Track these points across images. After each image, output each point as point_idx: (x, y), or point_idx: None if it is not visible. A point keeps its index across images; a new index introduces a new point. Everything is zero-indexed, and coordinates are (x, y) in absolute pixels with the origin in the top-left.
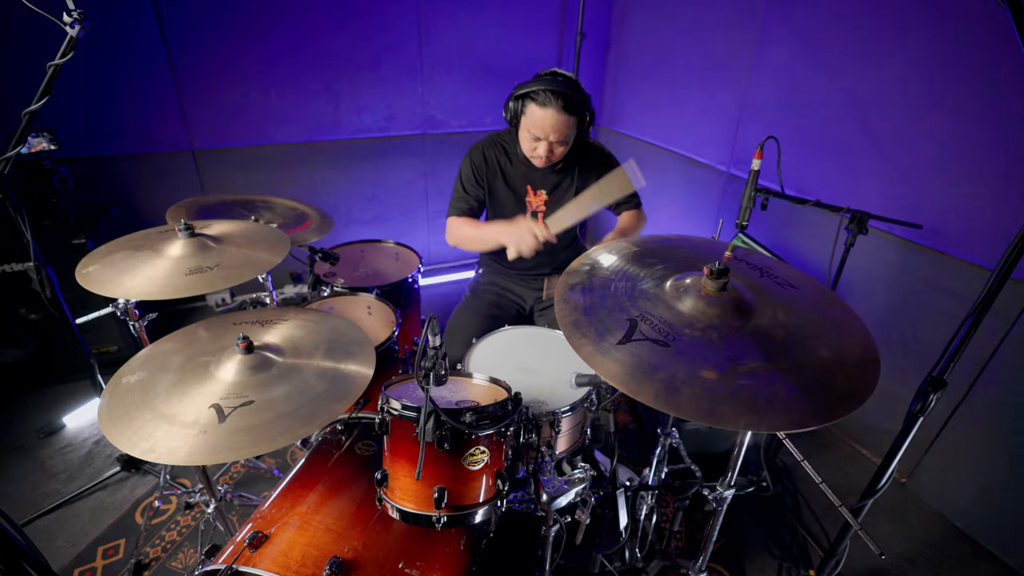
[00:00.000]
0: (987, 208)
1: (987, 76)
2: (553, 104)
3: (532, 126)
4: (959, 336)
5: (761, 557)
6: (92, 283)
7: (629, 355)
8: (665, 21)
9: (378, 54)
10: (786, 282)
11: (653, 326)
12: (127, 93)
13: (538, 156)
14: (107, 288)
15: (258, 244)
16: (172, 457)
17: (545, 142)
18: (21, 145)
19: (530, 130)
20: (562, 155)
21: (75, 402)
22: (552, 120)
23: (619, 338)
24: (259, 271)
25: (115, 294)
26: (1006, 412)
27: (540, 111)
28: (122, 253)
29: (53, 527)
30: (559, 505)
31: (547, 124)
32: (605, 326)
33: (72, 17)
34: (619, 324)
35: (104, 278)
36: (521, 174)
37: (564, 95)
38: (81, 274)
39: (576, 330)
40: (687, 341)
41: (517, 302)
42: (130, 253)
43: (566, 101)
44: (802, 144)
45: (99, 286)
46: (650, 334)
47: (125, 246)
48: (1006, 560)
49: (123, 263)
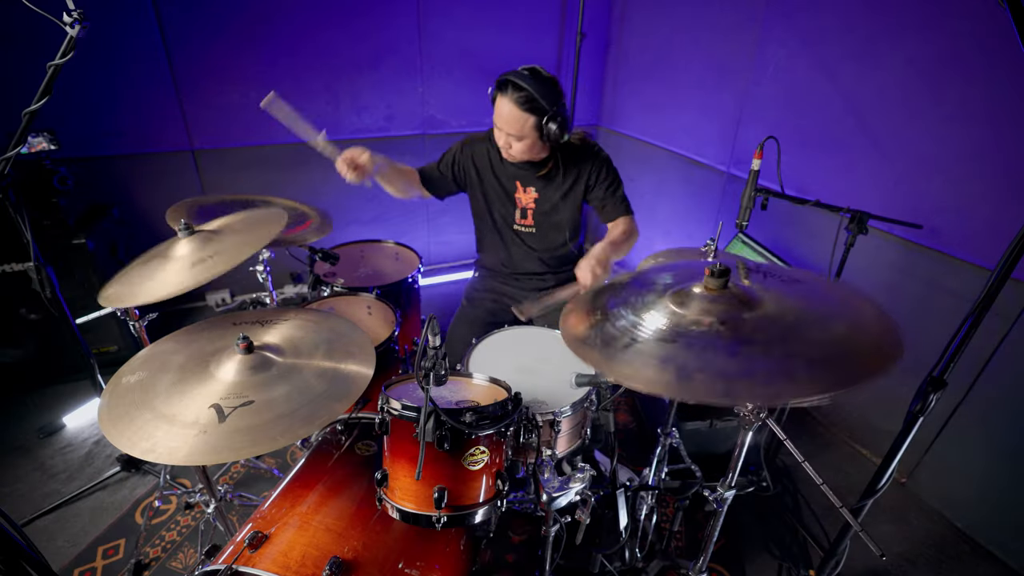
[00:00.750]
0: (987, 208)
1: (987, 76)
2: (508, 94)
3: (495, 114)
4: (959, 336)
5: (761, 557)
6: (114, 302)
7: (636, 355)
8: (665, 21)
9: (378, 54)
10: (789, 278)
11: (658, 328)
12: (127, 93)
13: (502, 147)
14: (128, 300)
15: (254, 224)
16: (172, 457)
17: (503, 133)
18: (21, 145)
19: (495, 118)
20: (521, 153)
21: (75, 402)
22: (506, 109)
23: (624, 343)
24: (258, 244)
25: (136, 302)
26: (1006, 412)
27: (500, 101)
28: (136, 271)
29: (53, 527)
30: (559, 505)
31: (502, 116)
32: (610, 335)
33: (72, 17)
34: (624, 332)
35: (124, 293)
36: (511, 171)
37: (521, 91)
38: (103, 297)
39: (582, 345)
40: (694, 336)
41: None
42: (141, 269)
43: (521, 97)
44: (802, 144)
45: (120, 301)
46: (656, 335)
47: (137, 265)
48: (1006, 560)
49: (137, 277)
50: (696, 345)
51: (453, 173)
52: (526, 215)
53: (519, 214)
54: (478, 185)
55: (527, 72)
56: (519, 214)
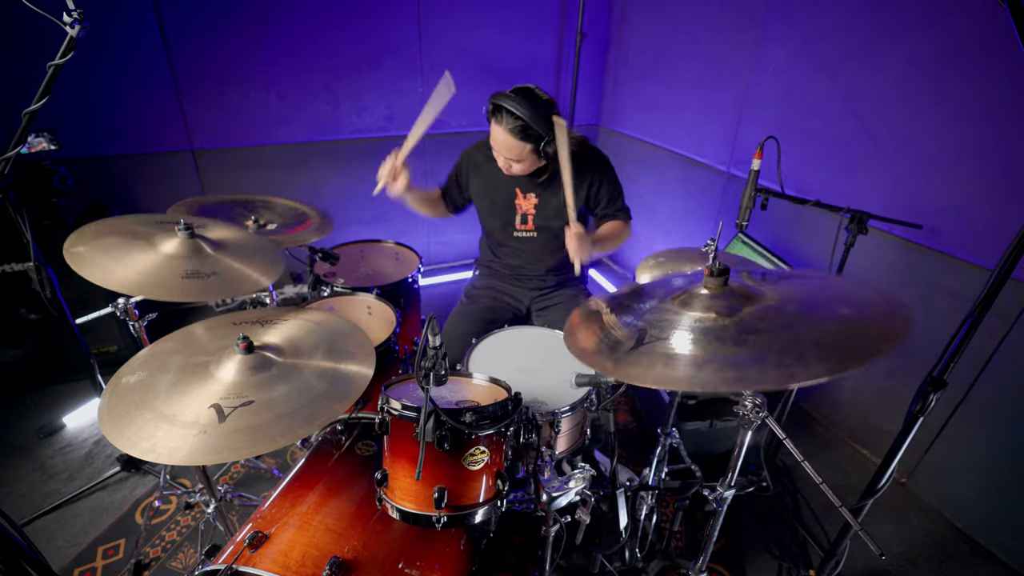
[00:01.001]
0: (987, 208)
1: (987, 76)
2: (503, 124)
3: (491, 136)
4: (959, 336)
5: (761, 557)
6: (82, 265)
7: (645, 356)
8: (665, 21)
9: (378, 54)
10: (789, 275)
11: (663, 330)
12: (127, 93)
13: (503, 166)
14: (97, 275)
15: (254, 259)
16: (172, 457)
17: (501, 156)
18: (21, 145)
19: (491, 140)
20: (522, 171)
21: (75, 402)
22: (501, 138)
23: (631, 346)
24: (252, 290)
25: (106, 283)
26: (1006, 412)
27: (495, 127)
28: (115, 238)
29: (53, 527)
30: (559, 505)
31: (498, 141)
32: (616, 340)
33: (72, 17)
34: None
35: (94, 262)
36: (510, 178)
37: (516, 119)
38: (70, 252)
39: (591, 356)
40: (700, 331)
41: (514, 305)
42: (124, 240)
43: (517, 127)
44: (802, 144)
45: (89, 270)
46: (662, 335)
47: (118, 230)
48: (1006, 560)
49: (116, 250)
50: (701, 341)
51: (459, 184)
52: (526, 220)
53: (519, 219)
54: (481, 192)
55: (521, 95)
56: (519, 219)
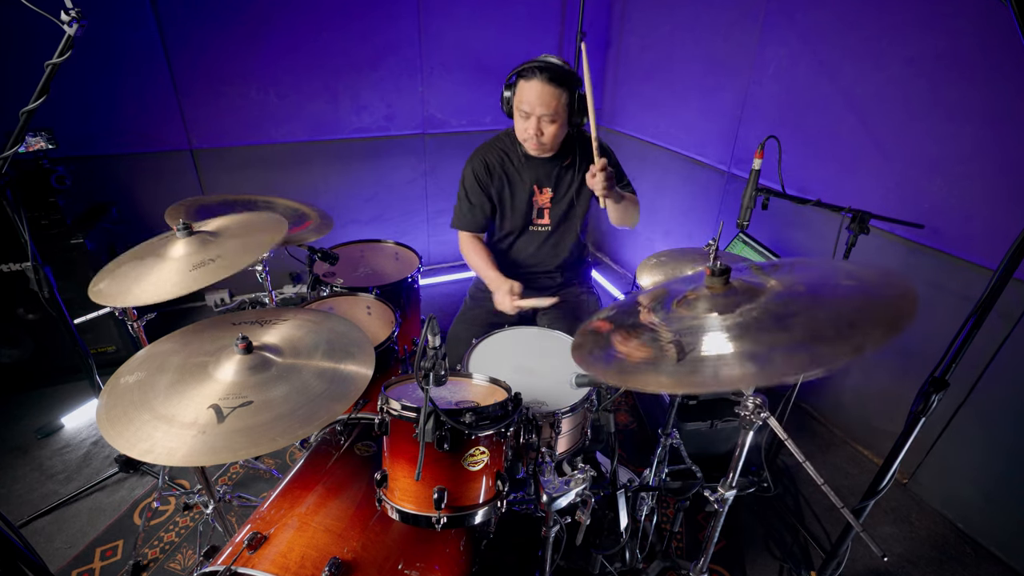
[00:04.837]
0: (988, 208)
1: (987, 76)
2: (538, 76)
3: (521, 102)
4: (961, 336)
5: (762, 558)
6: (106, 299)
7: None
8: (665, 21)
9: (378, 54)
10: (781, 264)
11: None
12: (125, 92)
13: (529, 138)
14: (120, 300)
15: (255, 229)
16: (171, 458)
17: (534, 118)
18: (19, 144)
19: (520, 107)
20: (553, 137)
21: (73, 402)
22: (538, 90)
23: (676, 358)
24: (259, 252)
25: (127, 303)
26: (1008, 413)
27: (526, 84)
28: (128, 265)
29: (51, 528)
30: (559, 506)
31: (533, 95)
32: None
33: (70, 16)
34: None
35: (116, 291)
36: (525, 173)
37: (549, 67)
38: (93, 292)
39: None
40: (738, 328)
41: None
42: (135, 264)
43: (551, 73)
44: (803, 144)
45: (112, 299)
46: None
47: (130, 259)
48: (1008, 561)
49: (131, 274)
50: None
51: (486, 194)
52: (543, 215)
53: (536, 214)
54: (502, 190)
55: (540, 59)
56: (536, 214)
